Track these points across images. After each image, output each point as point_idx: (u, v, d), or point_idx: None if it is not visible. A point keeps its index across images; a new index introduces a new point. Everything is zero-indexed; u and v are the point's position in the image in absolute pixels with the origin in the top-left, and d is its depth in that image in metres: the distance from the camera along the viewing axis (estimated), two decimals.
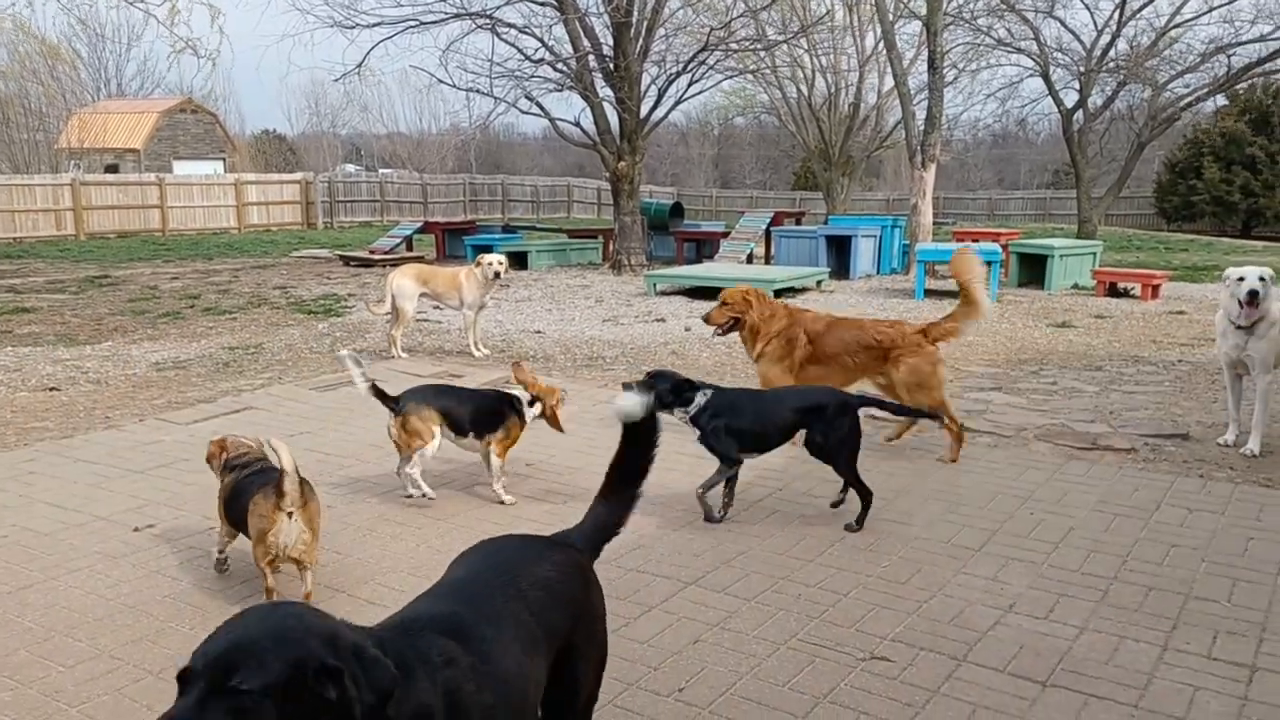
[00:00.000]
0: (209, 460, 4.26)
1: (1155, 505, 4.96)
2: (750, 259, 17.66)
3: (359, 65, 17.65)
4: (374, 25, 16.66)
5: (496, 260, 9.62)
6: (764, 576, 4.13)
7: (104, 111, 42.80)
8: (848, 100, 27.97)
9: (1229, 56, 22.40)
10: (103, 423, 6.87)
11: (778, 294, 13.63)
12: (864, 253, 16.73)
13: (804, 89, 27.54)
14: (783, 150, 43.01)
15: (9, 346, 10.10)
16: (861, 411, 4.84)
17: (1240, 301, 5.75)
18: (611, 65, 16.98)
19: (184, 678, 1.53)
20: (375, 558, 4.37)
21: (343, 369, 5.24)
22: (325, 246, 23.86)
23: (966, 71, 25.56)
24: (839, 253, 16.56)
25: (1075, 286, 14.91)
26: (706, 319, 6.38)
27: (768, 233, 18.14)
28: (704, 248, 19.12)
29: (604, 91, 17.35)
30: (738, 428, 4.76)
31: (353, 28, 16.64)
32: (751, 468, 5.59)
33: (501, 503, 5.06)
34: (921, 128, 17.19)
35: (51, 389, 8.08)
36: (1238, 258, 20.90)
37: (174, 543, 4.53)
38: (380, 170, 50.61)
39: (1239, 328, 5.85)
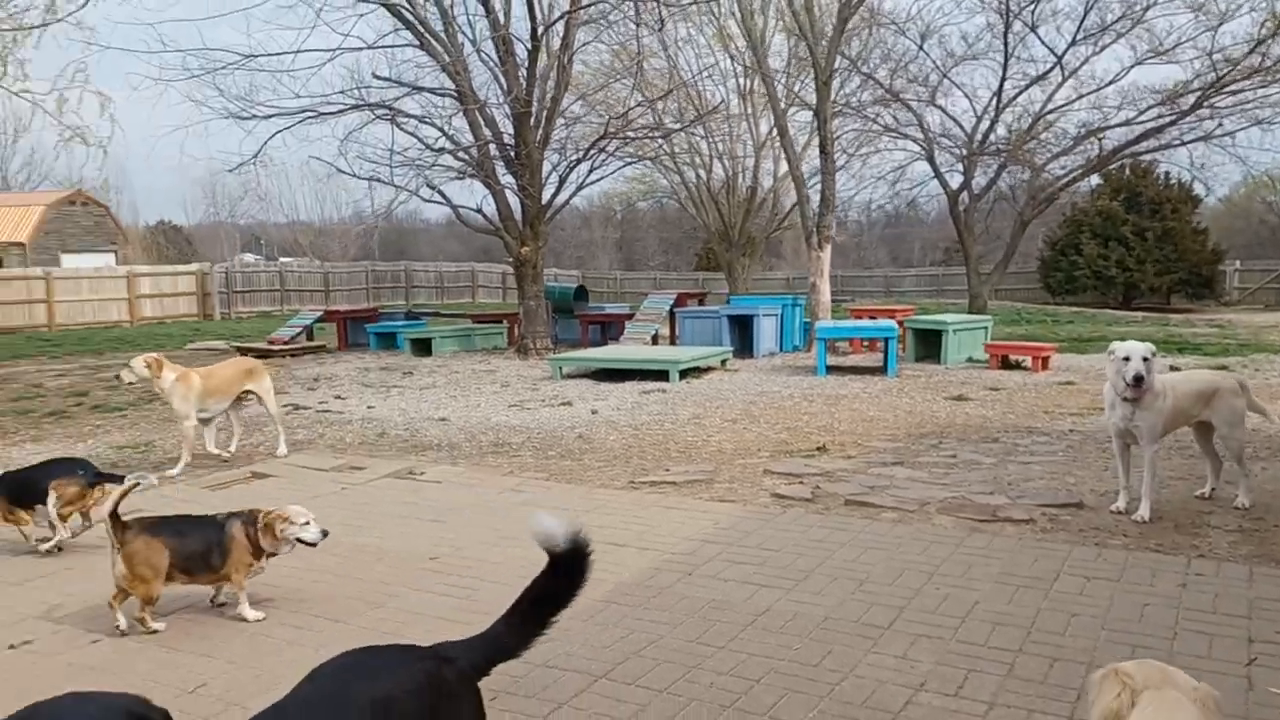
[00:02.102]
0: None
1: (1055, 575, 5.07)
2: (655, 340, 17.83)
3: (255, 156, 17.45)
4: (270, 116, 16.55)
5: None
6: (675, 666, 4.06)
7: None
8: (745, 184, 28.82)
9: (1100, 139, 23.85)
10: None
11: (684, 374, 13.79)
12: (766, 331, 17.05)
13: (703, 174, 28.31)
14: (685, 232, 43.89)
15: None
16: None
17: (1126, 382, 5.98)
18: (512, 153, 17.18)
19: None
20: (271, 666, 4.16)
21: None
22: (223, 338, 23.25)
23: (857, 156, 26.65)
24: (742, 332, 16.84)
25: (970, 360, 15.43)
26: None
27: (672, 313, 18.38)
28: (609, 330, 19.23)
29: (505, 178, 17.51)
30: None
31: (249, 119, 16.50)
32: (658, 552, 5.56)
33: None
34: (816, 210, 17.78)
35: None
36: (1120, 329, 21.98)
37: (52, 659, 4.24)
38: (280, 259, 49.78)
39: (1126, 400, 6.09)
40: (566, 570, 2.48)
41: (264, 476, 7.99)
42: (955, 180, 24.90)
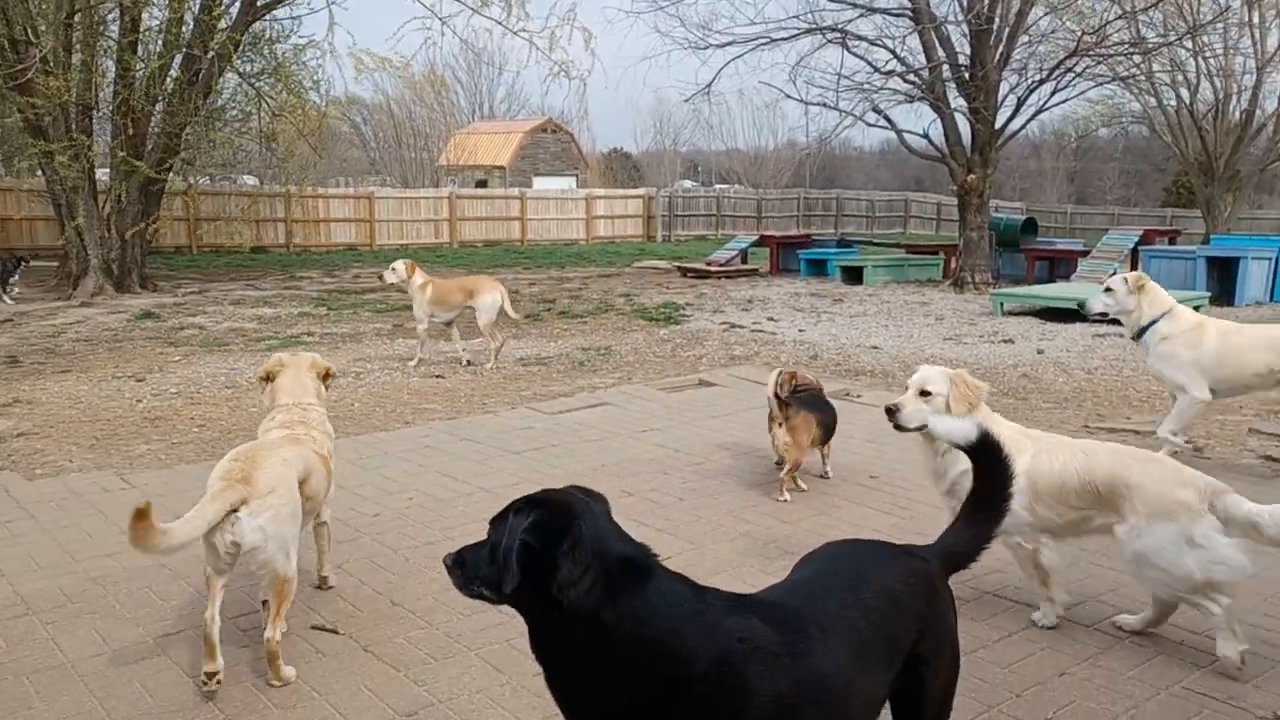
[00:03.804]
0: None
1: None
2: None
3: (709, 85, 18.27)
4: (725, 45, 17.20)
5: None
6: None
7: (476, 132, 47.71)
8: (1239, 107, 24.94)
9: None
10: (480, 408, 7.64)
11: None
12: (1254, 277, 14.84)
13: (1186, 95, 24.91)
14: (1153, 164, 39.13)
15: (400, 339, 11.49)
16: None
17: None
18: (967, 74, 16.34)
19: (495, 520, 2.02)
20: (726, 551, 4.51)
21: None
22: (664, 258, 24.94)
23: None
24: (1222, 276, 14.81)
25: None
26: None
27: (1134, 252, 16.61)
28: (1058, 267, 17.84)
29: (956, 102, 16.74)
30: None
31: (705, 48, 17.28)
32: None
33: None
34: None
35: (438, 376, 9.10)
36: None
37: None
38: (716, 185, 52.13)
39: None
40: (988, 468, 2.51)
41: (710, 385, 8.54)
42: None
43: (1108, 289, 6.16)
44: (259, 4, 16.81)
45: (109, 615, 3.85)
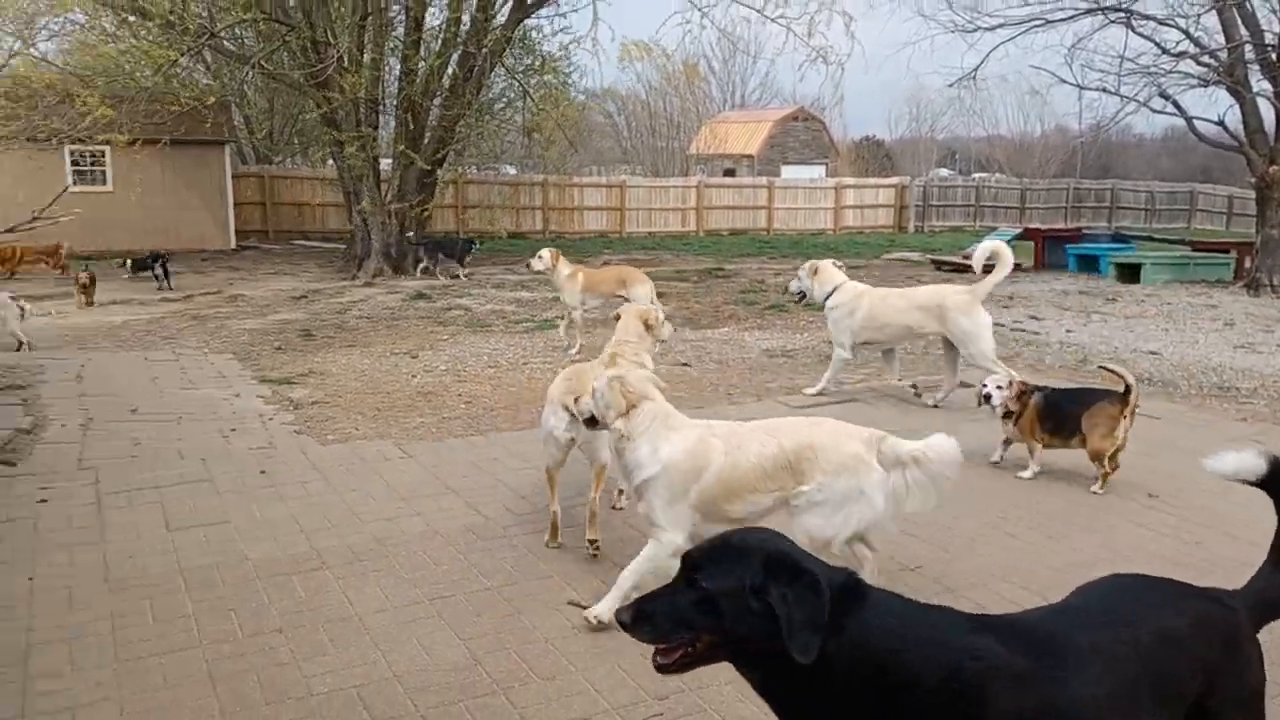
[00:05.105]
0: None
1: None
2: None
3: (975, 69, 17.43)
4: (995, 27, 16.32)
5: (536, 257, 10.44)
6: None
7: (727, 121, 47.90)
8: None
9: None
10: (726, 399, 7.69)
11: None
12: None
13: None
14: None
15: None
16: None
17: None
18: (1274, 55, 14.64)
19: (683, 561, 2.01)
20: (984, 565, 4.29)
21: None
22: (916, 250, 24.06)
23: None
24: None
25: None
26: None
27: None
28: None
29: (1259, 85, 15.04)
30: None
31: (974, 30, 16.48)
32: None
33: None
34: None
35: (684, 365, 9.24)
36: None
37: None
38: (975, 174, 49.70)
39: None
40: None
41: (968, 386, 8.15)
42: None
43: (799, 276, 8.02)
44: (529, 2, 17.65)
45: (391, 574, 4.19)
